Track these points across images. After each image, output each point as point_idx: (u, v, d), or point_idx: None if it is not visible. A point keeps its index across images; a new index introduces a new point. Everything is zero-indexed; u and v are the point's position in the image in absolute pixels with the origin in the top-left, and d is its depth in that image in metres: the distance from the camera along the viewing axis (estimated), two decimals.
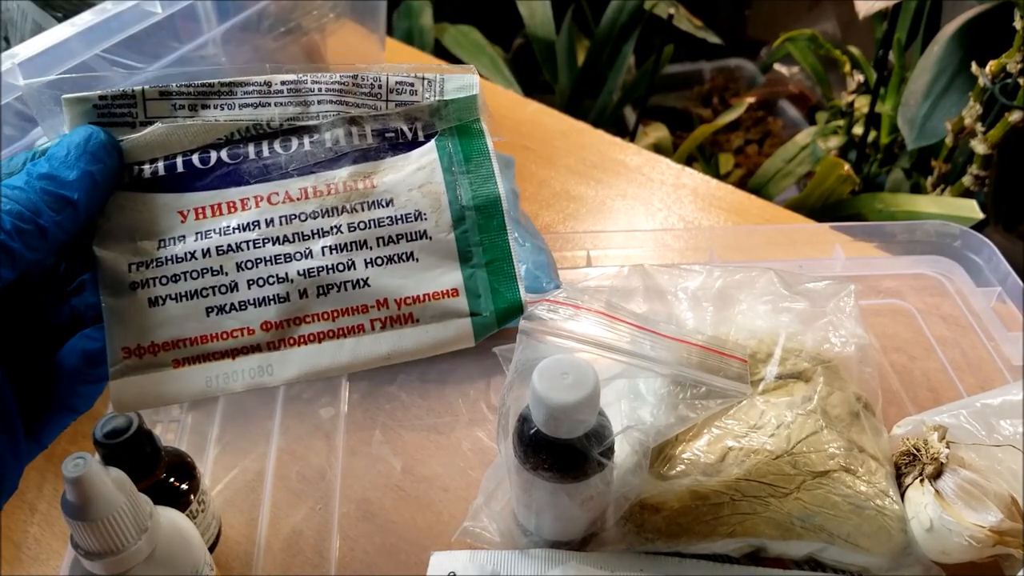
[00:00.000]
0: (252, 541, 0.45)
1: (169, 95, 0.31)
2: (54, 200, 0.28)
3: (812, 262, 0.61)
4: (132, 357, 0.30)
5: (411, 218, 0.32)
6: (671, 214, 0.71)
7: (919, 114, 0.93)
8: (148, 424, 0.38)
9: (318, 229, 0.32)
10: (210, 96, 0.32)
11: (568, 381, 0.36)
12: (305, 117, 0.32)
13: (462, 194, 0.33)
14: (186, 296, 0.31)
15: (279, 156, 0.32)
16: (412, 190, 0.32)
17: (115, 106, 0.31)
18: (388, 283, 0.31)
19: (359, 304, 0.31)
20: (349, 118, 0.33)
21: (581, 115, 0.89)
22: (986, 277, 0.60)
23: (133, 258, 0.31)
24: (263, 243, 0.31)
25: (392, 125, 0.33)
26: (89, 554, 0.31)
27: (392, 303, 0.31)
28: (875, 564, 0.40)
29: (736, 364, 0.43)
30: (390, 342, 0.31)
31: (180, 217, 0.31)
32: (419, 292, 0.32)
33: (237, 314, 0.31)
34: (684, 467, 0.41)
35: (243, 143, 0.32)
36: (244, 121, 0.32)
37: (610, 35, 1.23)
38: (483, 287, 0.32)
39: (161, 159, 0.31)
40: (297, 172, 0.32)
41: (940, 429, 0.42)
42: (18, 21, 0.55)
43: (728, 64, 1.54)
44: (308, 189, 0.32)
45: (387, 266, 0.32)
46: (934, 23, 1.06)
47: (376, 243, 0.32)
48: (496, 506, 0.43)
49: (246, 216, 0.31)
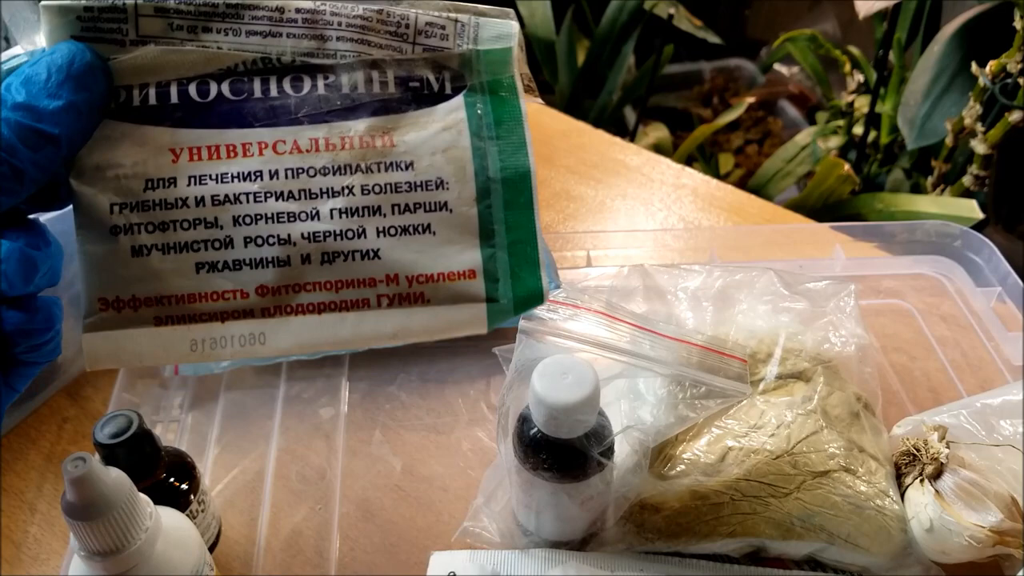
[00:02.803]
0: (252, 541, 0.45)
1: (166, 12, 0.27)
2: (32, 135, 0.24)
3: (812, 262, 0.61)
4: (109, 310, 0.27)
5: (432, 186, 0.29)
6: (671, 214, 0.71)
7: (919, 114, 0.93)
8: (148, 424, 0.38)
9: (328, 188, 0.28)
10: (213, 18, 0.28)
11: (568, 381, 0.36)
12: (320, 54, 0.29)
13: (490, 163, 0.29)
14: (174, 248, 0.27)
15: (289, 98, 0.28)
16: (435, 154, 0.29)
17: (102, 19, 0.27)
18: (400, 257, 0.28)
19: (366, 277, 0.28)
20: (370, 60, 0.29)
21: (581, 115, 0.89)
22: (986, 277, 0.60)
23: (116, 198, 0.27)
24: (265, 197, 0.28)
25: (417, 73, 0.29)
26: (89, 554, 0.31)
27: (403, 279, 0.28)
28: (875, 564, 0.40)
29: (736, 364, 0.43)
30: (396, 321, 0.29)
31: (172, 156, 0.27)
32: (433, 270, 0.29)
33: (231, 274, 0.28)
34: (684, 467, 0.41)
35: (248, 78, 0.28)
36: (251, 51, 0.28)
37: (610, 35, 1.23)
38: (503, 270, 0.29)
39: (153, 85, 0.28)
40: (308, 119, 0.28)
41: (940, 429, 0.42)
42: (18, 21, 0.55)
43: (728, 64, 1.54)
44: (320, 140, 0.28)
45: (401, 237, 0.28)
46: (934, 23, 1.06)
47: (391, 210, 0.28)
48: (496, 506, 0.43)
49: (248, 164, 0.28)
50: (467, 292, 0.29)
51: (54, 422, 0.53)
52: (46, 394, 0.54)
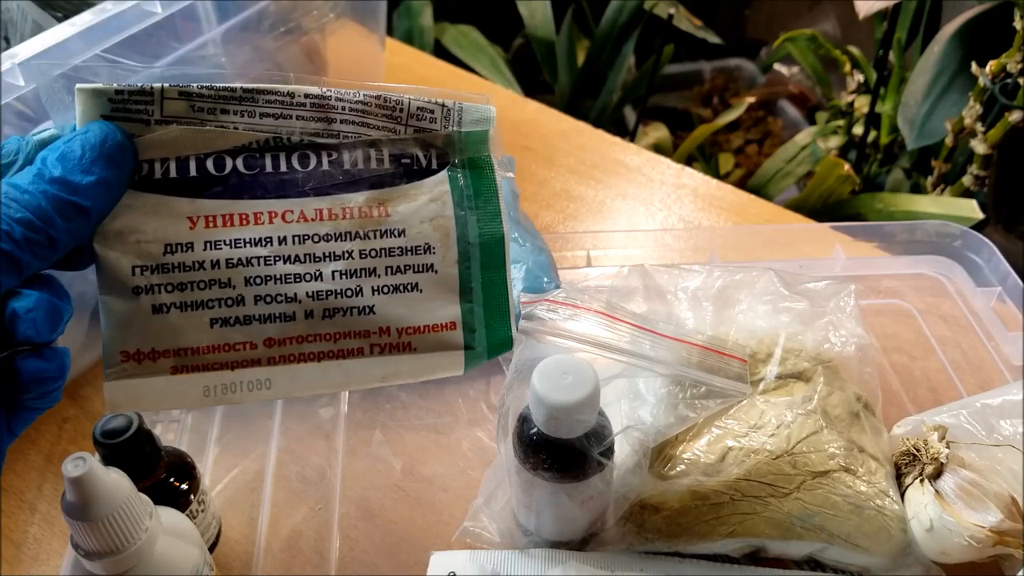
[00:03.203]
0: (252, 541, 0.45)
1: (189, 96, 0.30)
2: (67, 208, 0.26)
3: (812, 262, 0.61)
4: (130, 361, 0.30)
5: (420, 250, 0.32)
6: (671, 214, 0.71)
7: (919, 114, 0.93)
8: (148, 424, 0.38)
9: (330, 252, 0.31)
10: (231, 101, 0.31)
11: (568, 381, 0.36)
12: (326, 134, 0.32)
13: (469, 230, 0.33)
14: (191, 306, 0.30)
15: (297, 173, 0.32)
16: (424, 222, 0.33)
17: (131, 101, 0.30)
18: (392, 312, 0.32)
19: (362, 329, 0.32)
20: (369, 140, 0.32)
21: (581, 115, 0.89)
22: (986, 277, 0.60)
23: (137, 261, 0.30)
24: (274, 260, 0.31)
25: (409, 151, 0.33)
26: (89, 554, 0.31)
27: (394, 331, 0.32)
28: (875, 564, 0.40)
29: (736, 364, 0.43)
30: (386, 367, 0.32)
31: (189, 223, 0.30)
32: (420, 323, 0.32)
33: (241, 328, 0.30)
34: (684, 467, 0.41)
35: (260, 154, 0.31)
36: (264, 131, 0.31)
37: (610, 35, 1.23)
38: (479, 322, 0.33)
39: (173, 160, 0.30)
40: (314, 192, 0.32)
41: (940, 429, 0.42)
42: (18, 21, 0.55)
43: (728, 64, 1.54)
44: (324, 211, 0.32)
45: (392, 295, 0.32)
46: (934, 23, 1.06)
47: (385, 271, 0.32)
48: (496, 506, 0.43)
49: (259, 231, 0.31)
50: (448, 341, 0.33)
51: (54, 422, 0.53)
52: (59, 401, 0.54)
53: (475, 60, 1.21)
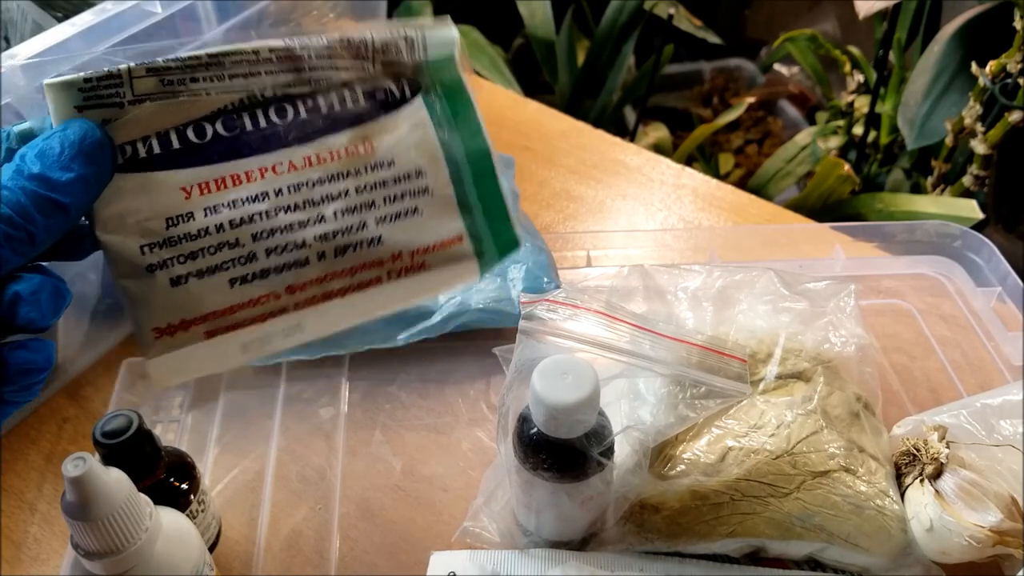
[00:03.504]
0: (252, 541, 0.45)
1: (157, 71, 0.30)
2: (46, 204, 0.26)
3: (812, 262, 0.61)
4: (164, 337, 0.30)
5: (412, 176, 0.33)
6: (671, 214, 0.71)
7: (919, 114, 0.93)
8: (148, 424, 0.38)
9: (327, 194, 0.32)
10: (198, 69, 0.31)
11: (568, 381, 0.36)
12: (298, 83, 0.32)
13: (455, 150, 0.34)
14: (207, 272, 0.30)
15: (277, 126, 0.32)
16: (410, 149, 0.33)
17: (101, 87, 0.30)
18: (400, 238, 0.33)
19: (375, 259, 0.33)
20: (340, 82, 0.33)
21: (581, 115, 0.89)
22: (986, 277, 0.60)
23: (143, 240, 0.30)
24: (275, 213, 0.31)
25: (381, 85, 0.34)
26: (89, 554, 0.31)
27: (406, 255, 0.33)
28: (875, 564, 0.41)
29: (736, 364, 0.43)
30: (407, 289, 0.33)
31: (184, 194, 0.31)
32: (428, 243, 0.33)
33: (260, 282, 0.31)
34: (684, 467, 0.41)
35: (238, 115, 0.31)
36: (236, 92, 0.31)
37: (610, 35, 1.23)
38: (483, 231, 0.35)
39: (154, 136, 0.30)
40: (297, 141, 0.32)
41: (940, 429, 0.42)
42: (18, 21, 0.55)
43: (728, 64, 1.54)
44: (311, 157, 0.32)
45: (396, 222, 0.33)
46: (934, 23, 1.06)
47: (383, 202, 0.33)
48: (496, 506, 0.43)
49: (253, 188, 0.31)
50: (459, 253, 0.34)
51: (54, 422, 0.53)
52: (46, 394, 0.54)
53: (475, 60, 1.21)
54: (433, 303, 0.54)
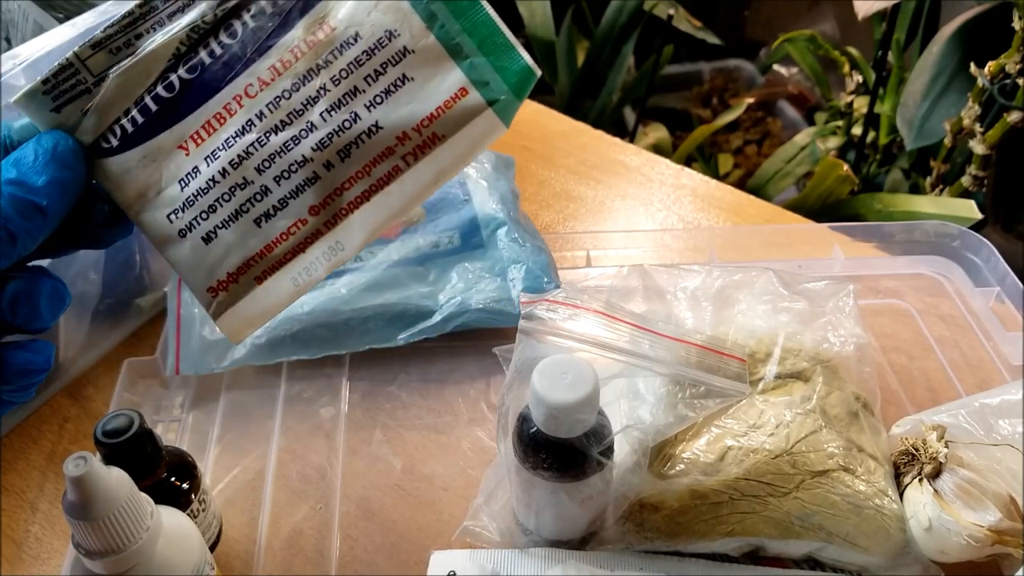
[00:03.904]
0: (253, 540, 0.45)
1: (100, 44, 0.30)
2: (25, 206, 0.27)
3: (811, 262, 0.61)
4: (220, 293, 0.31)
5: (385, 42, 0.30)
6: (671, 214, 0.71)
7: (918, 115, 0.93)
8: (149, 424, 0.38)
9: (307, 99, 0.30)
10: (136, 23, 0.30)
11: (568, 381, 0.36)
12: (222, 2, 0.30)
13: None
14: (231, 219, 0.30)
15: (231, 47, 0.30)
16: (371, 13, 0.30)
17: (61, 82, 0.30)
18: (399, 116, 0.30)
19: (383, 149, 0.30)
20: None
21: (581, 115, 0.89)
22: (985, 277, 0.60)
23: (167, 209, 0.30)
24: (267, 137, 0.30)
25: None
26: (90, 553, 0.32)
27: (413, 132, 0.30)
28: (874, 563, 0.41)
29: (735, 364, 0.43)
30: (432, 167, 0.30)
31: (183, 151, 0.30)
32: (430, 110, 0.30)
33: (283, 212, 0.30)
34: (683, 466, 0.41)
35: (192, 53, 0.30)
36: (181, 31, 0.30)
37: (610, 35, 1.23)
38: (487, 72, 0.30)
39: (134, 106, 0.30)
40: (256, 53, 0.30)
41: (939, 429, 0.42)
42: (19, 22, 0.55)
43: (727, 65, 1.54)
44: (275, 66, 0.30)
45: (388, 101, 0.30)
46: (933, 24, 1.06)
47: (365, 83, 0.30)
48: (496, 505, 0.43)
49: (237, 120, 0.30)
50: (470, 108, 0.30)
51: (55, 422, 0.53)
52: (47, 394, 0.54)
53: None
54: (433, 303, 0.54)
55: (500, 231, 0.58)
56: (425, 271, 0.56)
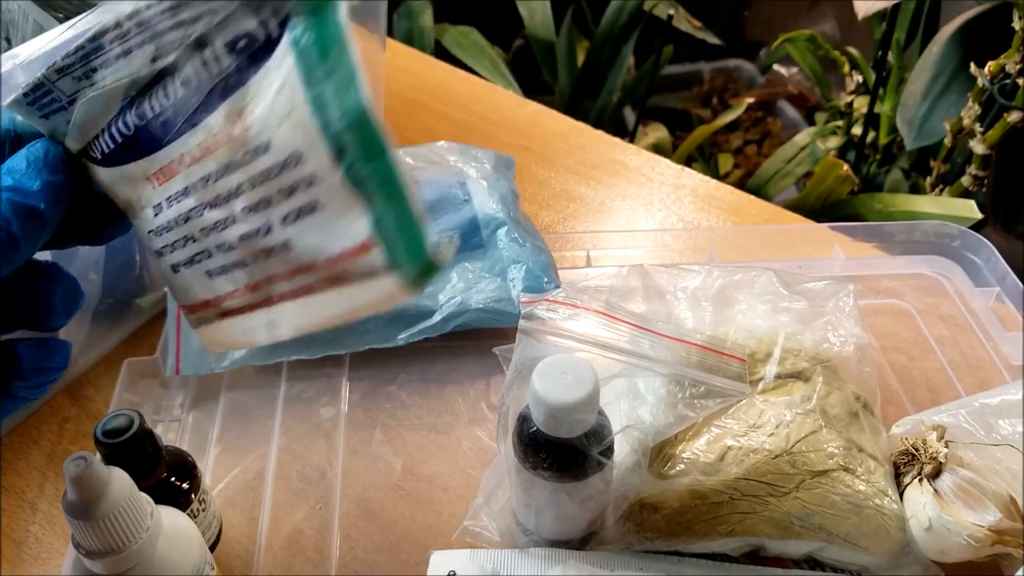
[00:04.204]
0: (253, 540, 0.45)
1: (63, 71, 0.29)
2: (23, 209, 0.28)
3: (811, 262, 0.61)
4: (192, 313, 0.30)
5: (292, 163, 0.25)
6: (670, 214, 0.71)
7: (918, 114, 0.93)
8: (149, 423, 0.38)
9: (228, 190, 0.26)
10: (90, 58, 0.28)
11: (568, 381, 0.36)
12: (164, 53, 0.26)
13: (330, 111, 0.23)
14: (188, 263, 0.30)
15: (167, 109, 0.27)
16: (282, 124, 0.24)
17: (39, 97, 0.30)
18: (307, 242, 0.25)
19: (296, 266, 0.26)
20: (195, 40, 0.26)
21: (581, 116, 0.89)
22: (985, 277, 0.60)
23: (149, 226, 0.30)
24: (203, 210, 0.27)
25: (240, 28, 0.25)
26: (90, 553, 0.32)
27: (321, 266, 0.25)
28: (874, 563, 0.41)
29: (735, 364, 0.43)
30: (341, 302, 0.26)
31: (151, 185, 0.29)
32: (337, 251, 0.25)
33: (226, 276, 0.28)
34: (683, 466, 0.41)
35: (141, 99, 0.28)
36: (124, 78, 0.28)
37: (610, 36, 1.23)
38: (393, 234, 0.24)
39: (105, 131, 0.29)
40: (187, 124, 0.27)
41: (939, 429, 0.42)
42: (19, 21, 0.55)
43: (727, 65, 1.55)
44: (203, 145, 0.26)
45: (299, 222, 0.25)
46: (933, 24, 1.06)
47: (278, 197, 0.25)
48: (496, 505, 0.43)
49: (177, 183, 0.28)
50: (372, 266, 0.24)
51: (55, 421, 0.53)
52: (47, 394, 0.54)
53: (475, 61, 1.21)
54: (433, 303, 0.54)
55: (500, 231, 0.58)
56: None
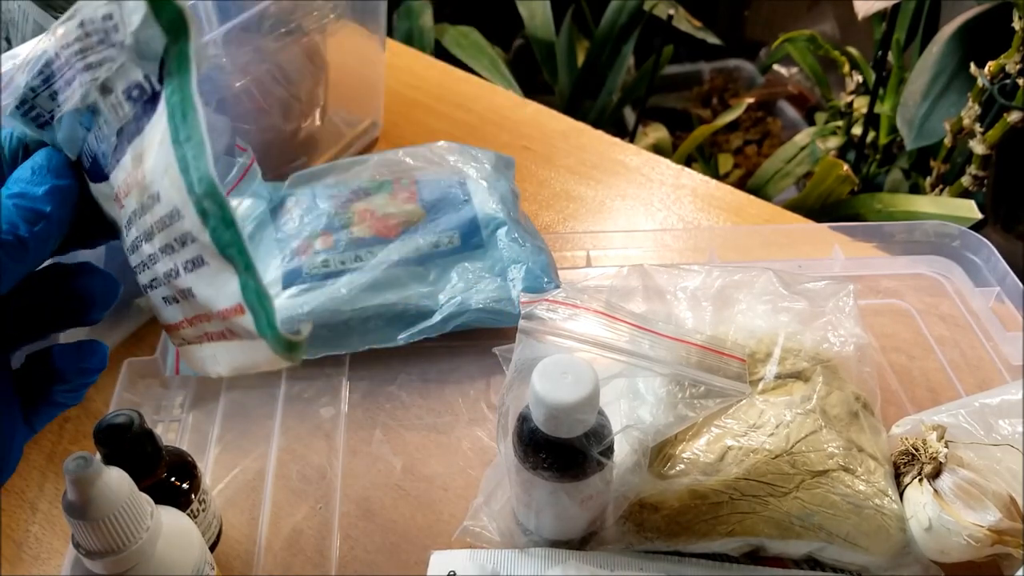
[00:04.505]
0: (253, 540, 0.45)
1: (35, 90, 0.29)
2: (30, 214, 0.28)
3: (811, 262, 0.62)
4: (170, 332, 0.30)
5: (174, 218, 0.24)
6: (671, 214, 0.71)
7: (918, 114, 0.93)
8: (149, 424, 0.38)
9: (144, 232, 0.26)
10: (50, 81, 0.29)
11: (568, 381, 0.36)
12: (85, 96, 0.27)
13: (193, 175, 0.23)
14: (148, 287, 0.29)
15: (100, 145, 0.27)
16: (164, 176, 0.24)
17: (28, 111, 0.30)
18: (205, 292, 0.25)
19: (203, 312, 0.26)
20: (100, 85, 0.26)
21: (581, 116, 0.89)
22: (984, 277, 0.60)
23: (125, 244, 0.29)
24: (141, 241, 0.27)
25: (132, 76, 0.25)
26: (90, 553, 0.32)
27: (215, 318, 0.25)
28: (874, 563, 0.41)
29: (735, 364, 0.43)
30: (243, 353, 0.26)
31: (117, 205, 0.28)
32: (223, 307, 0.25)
33: (176, 306, 0.27)
34: (683, 466, 0.41)
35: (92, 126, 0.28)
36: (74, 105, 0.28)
37: (610, 35, 1.23)
38: (256, 303, 0.24)
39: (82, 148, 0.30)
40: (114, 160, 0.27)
41: (939, 429, 0.42)
42: (19, 22, 0.55)
43: (727, 65, 1.55)
44: (124, 184, 0.26)
45: (195, 272, 0.25)
46: (933, 24, 1.06)
47: (176, 245, 0.25)
48: (496, 505, 0.43)
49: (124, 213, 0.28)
50: (248, 329, 0.24)
51: (55, 421, 0.53)
52: None
53: (475, 61, 1.21)
54: (433, 303, 0.54)
55: (500, 231, 0.58)
56: (425, 271, 0.56)
